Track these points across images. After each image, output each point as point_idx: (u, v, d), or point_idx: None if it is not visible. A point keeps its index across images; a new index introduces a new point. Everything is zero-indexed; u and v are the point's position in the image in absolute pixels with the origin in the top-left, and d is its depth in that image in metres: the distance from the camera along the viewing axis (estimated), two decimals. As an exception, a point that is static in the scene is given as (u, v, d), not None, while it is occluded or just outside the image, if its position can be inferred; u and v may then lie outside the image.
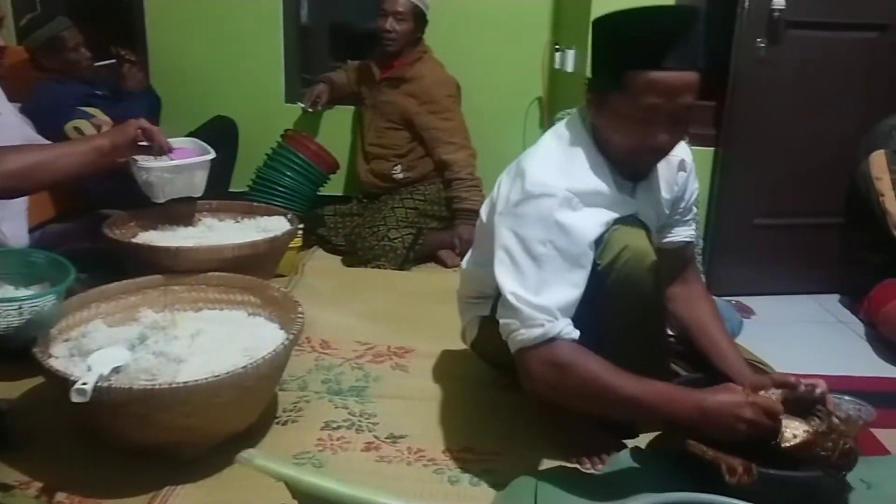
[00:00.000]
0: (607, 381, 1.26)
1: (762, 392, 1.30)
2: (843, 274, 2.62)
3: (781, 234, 2.60)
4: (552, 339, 1.28)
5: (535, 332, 1.28)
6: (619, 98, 1.29)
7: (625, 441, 1.58)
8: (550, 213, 1.30)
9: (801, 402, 1.34)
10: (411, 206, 2.85)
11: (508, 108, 3.13)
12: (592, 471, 1.50)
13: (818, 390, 1.34)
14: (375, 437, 1.61)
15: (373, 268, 2.72)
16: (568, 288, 1.31)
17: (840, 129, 2.50)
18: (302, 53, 3.31)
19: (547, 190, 1.32)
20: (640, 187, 1.46)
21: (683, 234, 1.63)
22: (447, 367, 1.95)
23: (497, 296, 1.40)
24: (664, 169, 1.51)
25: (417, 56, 2.86)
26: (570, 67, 2.72)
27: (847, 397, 1.79)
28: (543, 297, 1.29)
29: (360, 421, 1.67)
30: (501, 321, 1.35)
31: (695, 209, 1.68)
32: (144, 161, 1.92)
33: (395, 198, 2.89)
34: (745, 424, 1.24)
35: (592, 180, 1.36)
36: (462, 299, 1.75)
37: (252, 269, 1.92)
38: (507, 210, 1.37)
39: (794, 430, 1.27)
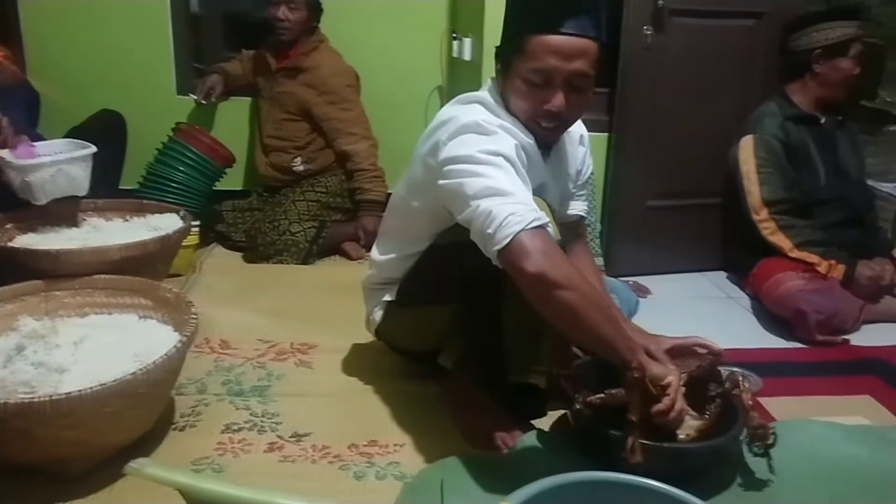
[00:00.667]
0: (589, 284, 1.29)
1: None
2: (728, 252, 2.75)
3: (672, 215, 2.71)
4: (544, 227, 1.26)
5: (533, 214, 1.24)
6: (520, 62, 1.38)
7: (531, 423, 1.61)
8: (490, 132, 1.35)
9: (705, 377, 1.41)
10: (313, 198, 2.80)
11: (408, 97, 3.12)
12: (499, 455, 1.52)
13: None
14: (279, 436, 1.57)
15: (275, 263, 2.66)
16: (528, 190, 1.32)
17: (722, 113, 2.62)
18: (193, 43, 3.19)
19: (483, 124, 1.36)
20: (550, 157, 1.52)
21: (578, 208, 1.71)
22: (353, 361, 1.93)
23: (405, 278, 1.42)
24: (569, 144, 1.60)
25: (314, 45, 2.80)
26: (467, 56, 2.73)
27: (736, 368, 1.88)
28: (523, 195, 1.29)
29: (262, 421, 1.63)
30: (494, 210, 1.24)
31: (590, 185, 1.74)
32: (15, 160, 1.81)
33: (296, 191, 2.83)
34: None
35: (519, 132, 1.42)
36: (368, 287, 1.75)
37: (143, 270, 1.84)
38: (445, 153, 1.37)
39: (690, 426, 1.34)
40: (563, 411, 1.61)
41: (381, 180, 2.84)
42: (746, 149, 2.49)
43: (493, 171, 1.29)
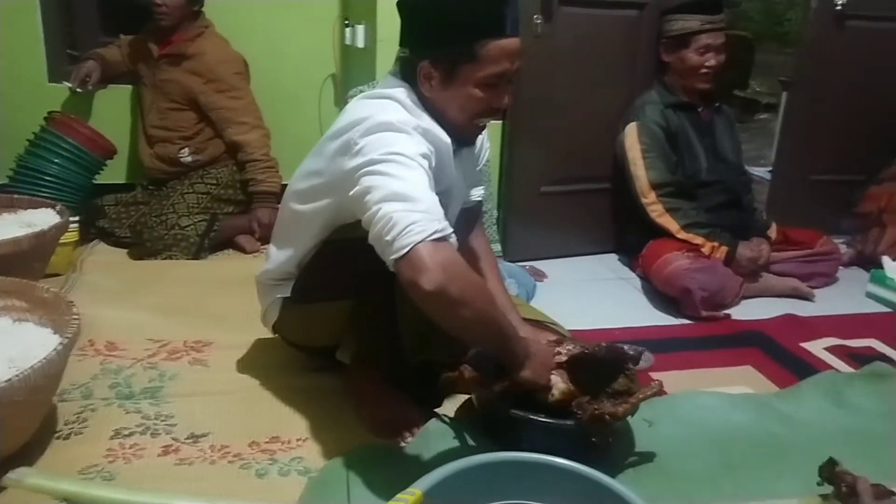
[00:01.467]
0: (489, 295, 1.31)
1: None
2: (619, 234, 2.86)
3: (566, 200, 2.78)
4: (446, 238, 1.24)
5: (436, 225, 1.22)
6: (473, 69, 1.37)
7: (435, 410, 1.62)
8: (406, 132, 1.33)
9: (603, 364, 1.45)
10: (203, 190, 2.69)
11: (301, 85, 3.04)
12: (403, 444, 1.51)
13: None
14: (174, 439, 1.50)
15: (163, 259, 2.54)
16: (435, 196, 1.30)
17: (610, 101, 2.70)
18: (66, 27, 2.98)
19: (399, 124, 1.34)
20: (463, 153, 1.53)
21: (477, 193, 1.73)
22: (251, 357, 1.87)
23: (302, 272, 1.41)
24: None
25: (198, 31, 2.68)
26: (360, 43, 2.69)
27: (627, 345, 1.95)
28: (429, 202, 1.26)
29: (155, 424, 1.55)
30: (395, 215, 1.21)
31: (486, 170, 1.76)
32: None
33: (184, 183, 2.71)
34: (545, 379, 1.39)
35: (437, 133, 1.42)
36: (263, 282, 1.70)
37: (16, 269, 1.72)
38: (356, 151, 1.33)
39: (559, 389, 1.39)
40: (463, 397, 1.62)
41: (274, 171, 2.77)
42: (631, 136, 2.58)
43: (404, 173, 1.27)
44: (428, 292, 1.18)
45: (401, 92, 1.43)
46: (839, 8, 2.86)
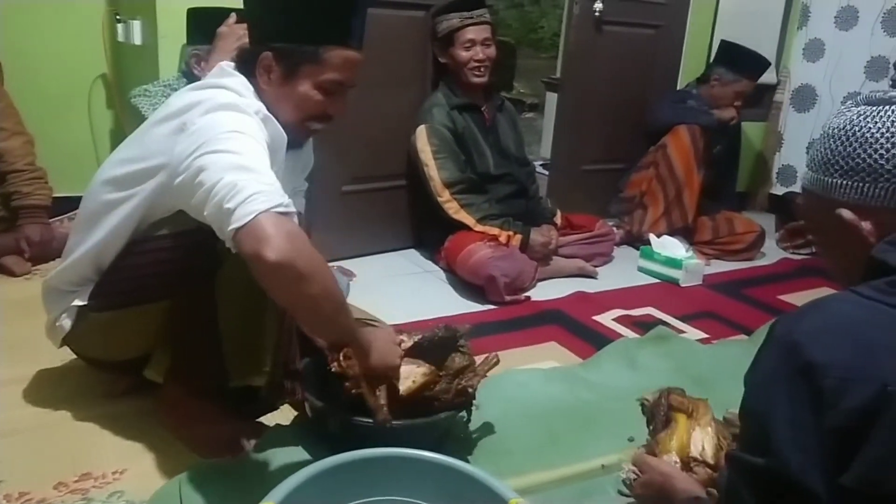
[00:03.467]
0: (333, 276, 1.25)
1: None
2: (419, 230, 2.94)
3: (366, 199, 2.80)
4: (291, 214, 1.17)
5: (280, 197, 1.15)
6: (315, 70, 1.39)
7: (260, 421, 1.56)
8: (247, 113, 1.29)
9: (442, 344, 1.48)
10: (-45, 208, 2.34)
11: (67, 87, 2.74)
12: (237, 460, 1.44)
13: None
14: (-40, 494, 1.30)
15: None
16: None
17: (404, 101, 2.76)
18: None
19: (241, 104, 1.30)
20: (290, 156, 1.49)
21: (299, 205, 1.66)
22: (40, 389, 1.67)
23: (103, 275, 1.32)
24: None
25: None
26: (137, 40, 2.49)
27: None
28: (273, 178, 1.19)
29: (-68, 481, 1.33)
30: (239, 183, 1.13)
31: (306, 184, 1.73)
32: None
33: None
34: (398, 356, 1.39)
35: (276, 123, 1.37)
36: (56, 286, 1.52)
37: None
38: (195, 130, 1.25)
39: (413, 376, 1.40)
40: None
41: (42, 182, 2.47)
42: (422, 138, 2.67)
43: (246, 149, 1.21)
44: (273, 263, 1.09)
45: (236, 81, 1.38)
46: (597, 14, 3.17)
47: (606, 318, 2.36)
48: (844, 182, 0.86)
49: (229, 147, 1.20)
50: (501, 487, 1.08)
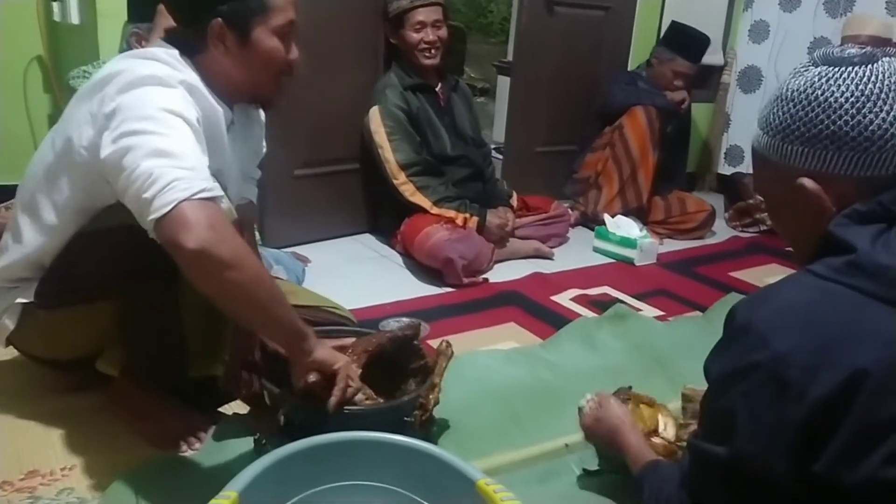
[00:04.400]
0: (261, 266, 1.21)
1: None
2: (374, 214, 2.89)
3: (319, 183, 2.74)
4: (216, 200, 1.12)
5: (199, 184, 1.10)
6: (264, 19, 1.31)
7: (218, 411, 1.51)
8: (171, 85, 1.21)
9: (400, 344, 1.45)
10: None
11: (0, 71, 2.61)
12: (193, 452, 1.39)
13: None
14: None
15: None
16: (205, 158, 1.18)
17: (355, 82, 2.71)
18: None
19: (164, 77, 1.21)
20: (234, 130, 1.41)
21: (250, 192, 1.64)
22: (-20, 387, 1.59)
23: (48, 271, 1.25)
24: (250, 121, 1.52)
25: None
26: (74, 19, 2.37)
27: (404, 318, 2.00)
28: (196, 161, 1.13)
29: None
30: (157, 170, 1.09)
31: (258, 171, 1.67)
32: None
33: None
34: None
35: (209, 96, 1.30)
36: None
37: None
38: (113, 107, 1.17)
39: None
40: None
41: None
42: (375, 119, 2.62)
43: (167, 130, 1.14)
44: (191, 251, 1.06)
45: (165, 52, 1.29)
46: (548, -4, 3.16)
47: (564, 298, 2.37)
48: (805, 150, 0.81)
49: (149, 128, 1.14)
50: (468, 468, 1.06)
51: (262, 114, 1.59)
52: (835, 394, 0.71)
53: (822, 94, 0.80)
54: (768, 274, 2.73)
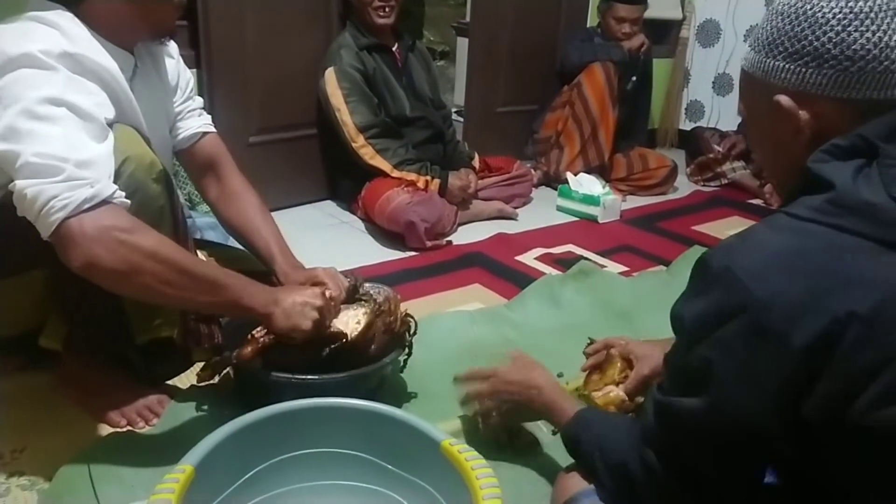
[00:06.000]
0: (182, 255, 1.13)
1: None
2: (333, 180, 2.83)
3: (274, 150, 2.67)
4: (105, 203, 1.06)
5: (83, 192, 1.03)
6: None
7: (172, 384, 1.47)
8: (48, 66, 1.09)
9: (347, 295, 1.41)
10: None
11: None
12: (148, 427, 1.35)
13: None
14: None
15: None
16: (100, 143, 1.11)
17: (308, 45, 2.63)
18: None
19: (40, 56, 1.09)
20: (137, 79, 1.31)
21: (196, 125, 1.53)
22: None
23: None
24: (153, 61, 1.41)
25: None
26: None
27: (367, 283, 1.95)
28: (77, 159, 1.05)
29: None
30: (28, 192, 1.03)
31: (199, 99, 1.57)
32: None
33: None
34: (315, 313, 1.25)
35: (96, 50, 1.18)
36: None
37: None
38: None
39: (355, 318, 1.33)
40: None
41: None
42: (331, 82, 2.54)
43: (47, 128, 1.06)
44: (81, 268, 1.06)
45: (44, 14, 1.17)
46: (505, -48, 3.09)
47: (528, 258, 2.35)
48: (787, 66, 0.78)
49: (26, 126, 1.05)
50: (432, 430, 1.04)
51: (171, 45, 1.47)
52: (819, 339, 0.69)
53: (811, 9, 0.77)
54: (731, 226, 2.74)
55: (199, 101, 1.56)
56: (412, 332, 1.47)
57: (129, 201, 1.11)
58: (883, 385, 0.69)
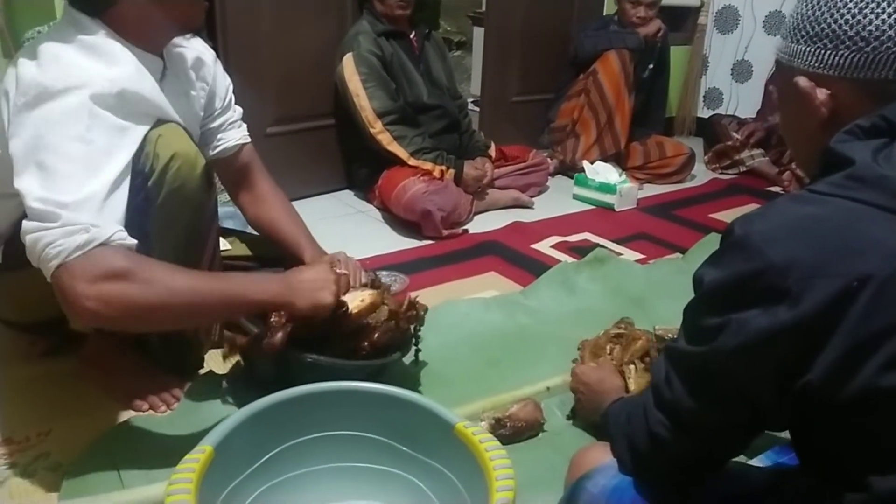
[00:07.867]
0: (184, 282, 1.10)
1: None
2: (350, 170, 2.85)
3: (292, 140, 2.69)
4: (102, 246, 1.04)
5: (77, 239, 1.02)
6: None
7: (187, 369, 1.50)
8: (84, 106, 1.09)
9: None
10: None
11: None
12: (169, 411, 1.38)
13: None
14: None
15: None
16: (113, 186, 1.10)
17: (323, 34, 2.64)
18: None
19: (74, 82, 1.09)
20: (167, 79, 1.33)
21: (237, 137, 1.58)
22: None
23: (12, 234, 1.16)
24: (187, 64, 1.43)
25: None
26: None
27: (383, 272, 1.98)
28: (82, 196, 1.05)
29: None
30: (28, 238, 1.04)
31: (238, 109, 1.60)
32: None
33: None
34: (333, 285, 1.25)
35: (128, 61, 1.19)
36: None
37: None
38: (16, 115, 1.09)
39: (360, 297, 1.35)
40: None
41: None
42: (349, 67, 2.55)
43: (54, 162, 1.06)
44: (86, 319, 1.06)
45: (87, 38, 1.17)
46: (520, -60, 3.08)
47: (544, 246, 2.36)
48: (807, 48, 0.82)
49: (38, 161, 1.06)
50: (446, 413, 1.06)
51: (207, 53, 1.50)
52: (831, 301, 0.70)
53: None
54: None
55: (238, 111, 1.59)
56: (420, 322, 1.47)
57: (133, 241, 1.09)
58: (891, 350, 0.70)
